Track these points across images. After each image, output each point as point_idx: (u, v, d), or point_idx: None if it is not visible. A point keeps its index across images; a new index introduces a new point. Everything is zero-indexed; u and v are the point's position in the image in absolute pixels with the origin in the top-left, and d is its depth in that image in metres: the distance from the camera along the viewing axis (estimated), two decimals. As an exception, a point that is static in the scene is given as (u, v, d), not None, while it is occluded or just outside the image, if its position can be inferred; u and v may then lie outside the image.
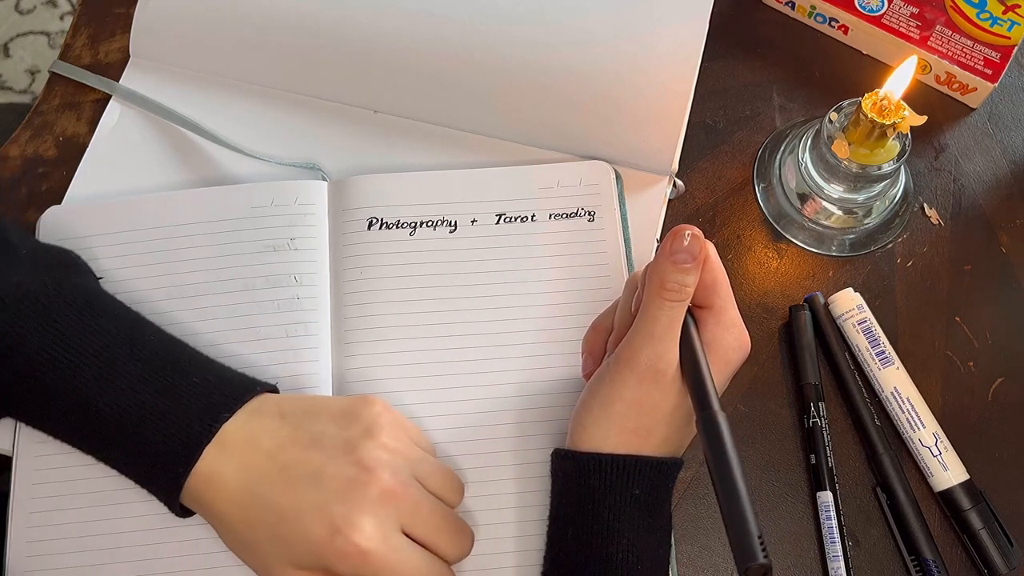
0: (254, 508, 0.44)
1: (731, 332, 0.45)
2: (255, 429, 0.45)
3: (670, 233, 0.44)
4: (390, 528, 0.43)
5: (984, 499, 0.51)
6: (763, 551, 0.37)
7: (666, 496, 0.45)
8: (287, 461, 0.44)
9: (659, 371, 0.43)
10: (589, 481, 0.44)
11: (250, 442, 0.45)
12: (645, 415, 0.43)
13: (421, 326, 0.52)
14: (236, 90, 0.60)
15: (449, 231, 0.55)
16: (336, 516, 0.42)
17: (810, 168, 0.57)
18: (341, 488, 0.43)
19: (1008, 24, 0.62)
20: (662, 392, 0.43)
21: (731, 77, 0.63)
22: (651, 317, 0.44)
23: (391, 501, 0.43)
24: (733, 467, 0.39)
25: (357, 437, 0.45)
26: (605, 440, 0.44)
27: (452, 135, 0.59)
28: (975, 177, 0.61)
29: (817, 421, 0.53)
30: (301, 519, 0.43)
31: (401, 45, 0.58)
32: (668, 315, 0.43)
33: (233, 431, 0.45)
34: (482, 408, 0.51)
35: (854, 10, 0.63)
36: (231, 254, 0.53)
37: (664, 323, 0.43)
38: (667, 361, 0.43)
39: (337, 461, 0.44)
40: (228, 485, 0.44)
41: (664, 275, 0.43)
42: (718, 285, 0.45)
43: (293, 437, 0.45)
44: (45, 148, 0.60)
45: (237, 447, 0.44)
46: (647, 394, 0.43)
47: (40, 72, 1.45)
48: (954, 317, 0.57)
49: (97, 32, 0.63)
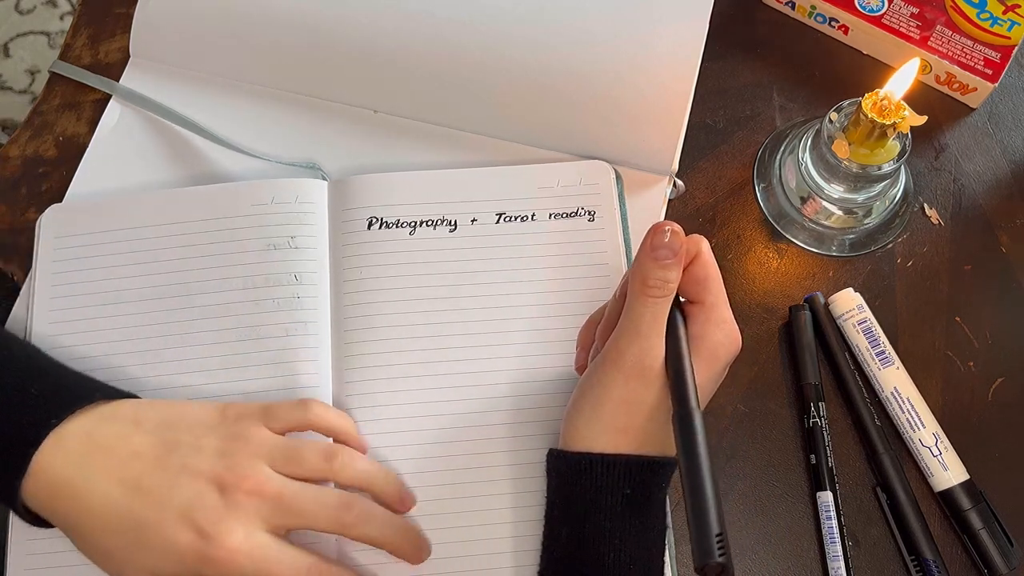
0: (110, 516, 0.43)
1: (721, 329, 0.44)
2: (107, 435, 0.45)
3: (650, 229, 0.44)
4: (255, 527, 0.43)
5: (984, 499, 0.51)
6: (720, 550, 0.37)
7: (659, 496, 0.44)
8: (143, 468, 0.44)
9: (645, 367, 0.43)
10: (580, 481, 0.44)
11: (103, 449, 0.44)
12: (634, 413, 0.43)
13: (421, 325, 0.52)
14: (236, 90, 0.60)
15: (449, 231, 0.55)
16: (200, 521, 0.43)
17: (810, 168, 0.57)
18: (201, 493, 0.43)
19: (1008, 24, 0.62)
20: (649, 388, 0.43)
21: (731, 77, 0.63)
22: (635, 314, 0.43)
23: (252, 500, 0.44)
24: (702, 465, 0.39)
25: (214, 443, 0.45)
26: (596, 440, 0.44)
27: (452, 135, 0.59)
28: (975, 177, 0.61)
29: (817, 421, 0.53)
30: (163, 526, 0.43)
31: (401, 45, 0.58)
32: (652, 311, 0.43)
33: (80, 437, 0.44)
34: (482, 407, 0.51)
35: (854, 10, 0.63)
36: (231, 252, 0.53)
37: (648, 319, 0.43)
38: (653, 357, 0.43)
39: (195, 467, 0.44)
40: (78, 492, 0.44)
41: (646, 272, 0.43)
42: (710, 281, 0.45)
43: (149, 443, 0.45)
44: (45, 148, 0.60)
45: (88, 454, 0.44)
46: (635, 392, 0.43)
47: (40, 72, 1.45)
48: (954, 317, 0.57)
49: (97, 32, 0.63)
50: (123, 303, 0.53)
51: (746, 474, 0.53)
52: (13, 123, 1.41)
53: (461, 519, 0.49)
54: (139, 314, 0.52)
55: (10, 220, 0.58)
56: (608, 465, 0.43)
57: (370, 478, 0.48)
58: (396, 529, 0.47)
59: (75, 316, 0.52)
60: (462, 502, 0.49)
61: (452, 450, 0.50)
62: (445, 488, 0.49)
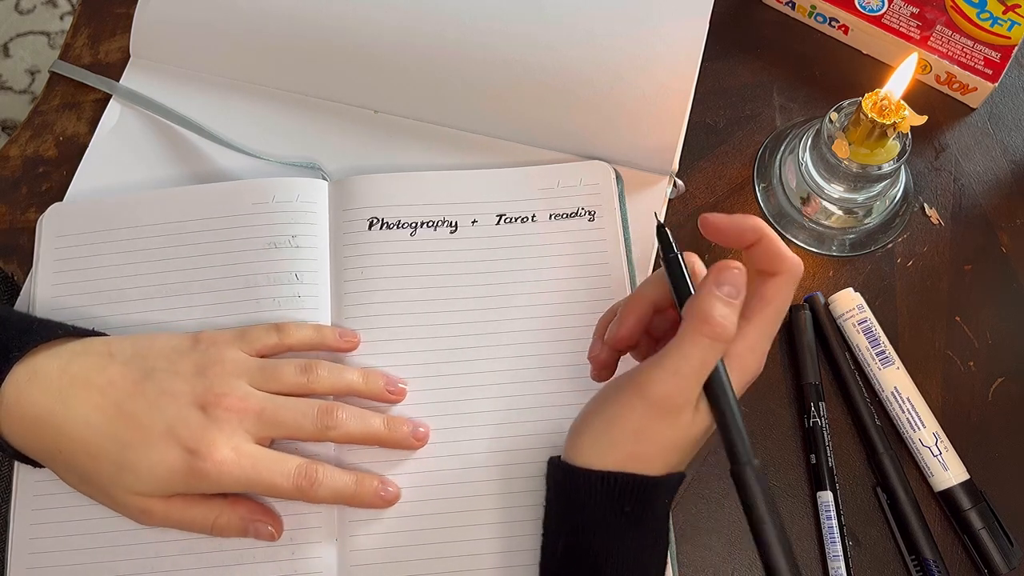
0: (93, 441, 0.45)
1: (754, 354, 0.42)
2: (82, 368, 0.46)
3: (716, 266, 0.41)
4: (240, 438, 0.45)
5: (984, 499, 0.51)
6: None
7: (661, 511, 0.43)
8: (122, 395, 0.46)
9: (673, 407, 0.41)
10: (579, 496, 0.43)
11: (79, 380, 0.46)
12: (646, 443, 0.42)
13: (421, 326, 0.52)
14: (236, 90, 0.60)
15: (450, 231, 0.55)
16: (185, 438, 0.44)
17: (810, 168, 0.57)
18: (183, 413, 0.45)
19: (1008, 24, 0.62)
20: (670, 427, 0.41)
21: (731, 77, 0.63)
22: (684, 353, 0.40)
23: (234, 415, 0.45)
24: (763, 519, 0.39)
25: (190, 367, 0.47)
26: (601, 459, 0.42)
27: (452, 135, 0.59)
28: (975, 177, 0.61)
29: (817, 421, 0.53)
30: (148, 446, 0.44)
31: (401, 45, 0.58)
32: (703, 355, 0.40)
33: (56, 371, 0.46)
34: (482, 408, 0.51)
35: (854, 10, 0.63)
36: (232, 251, 0.53)
37: (696, 363, 0.40)
38: (685, 400, 0.41)
39: (175, 389, 0.46)
40: (59, 422, 0.45)
41: (708, 307, 0.40)
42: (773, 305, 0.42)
43: (124, 373, 0.46)
44: (45, 148, 0.60)
45: (65, 386, 0.46)
46: (653, 426, 0.41)
47: (40, 72, 1.45)
48: (954, 317, 0.57)
49: (97, 32, 0.63)
50: (124, 302, 0.53)
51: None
52: (13, 123, 1.41)
53: (459, 519, 0.49)
54: (140, 313, 0.52)
55: (10, 220, 0.58)
56: (609, 483, 0.42)
57: (349, 383, 0.49)
58: (380, 422, 0.48)
59: (76, 316, 0.52)
60: (460, 502, 0.49)
61: (451, 449, 0.50)
62: (444, 488, 0.49)
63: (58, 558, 0.48)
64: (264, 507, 0.48)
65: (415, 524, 0.49)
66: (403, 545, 0.48)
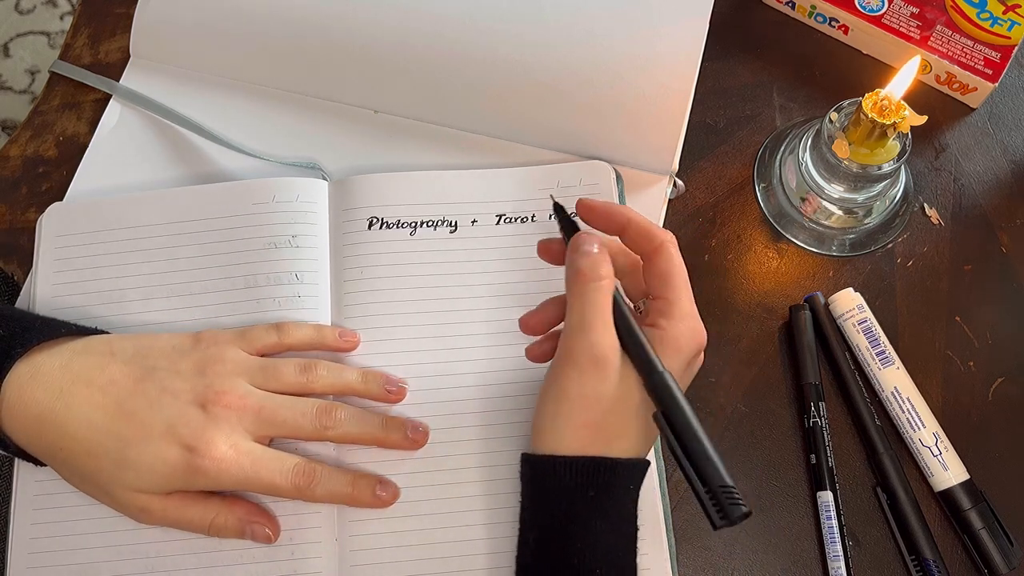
0: (94, 439, 0.45)
1: (684, 322, 0.44)
2: (83, 366, 0.47)
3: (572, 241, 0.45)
4: (239, 436, 0.46)
5: (984, 499, 0.51)
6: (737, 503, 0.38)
7: (626, 497, 0.44)
8: (123, 394, 0.46)
9: (597, 359, 0.42)
10: (545, 484, 0.43)
11: (81, 379, 0.46)
12: (593, 407, 0.42)
13: (421, 326, 0.52)
14: (236, 90, 0.60)
15: (449, 231, 0.55)
16: (185, 435, 0.45)
17: (810, 168, 0.57)
18: (183, 411, 0.46)
19: (1008, 24, 0.62)
20: (605, 381, 0.42)
21: (731, 77, 0.63)
22: (576, 307, 0.43)
23: (233, 412, 0.46)
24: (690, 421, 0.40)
25: (191, 366, 0.47)
26: (561, 441, 0.43)
27: (452, 135, 0.59)
28: (975, 177, 0.61)
29: (817, 421, 0.53)
30: (148, 444, 0.45)
31: (401, 45, 0.58)
32: (591, 299, 0.43)
33: (57, 370, 0.46)
34: (481, 407, 0.51)
35: (854, 10, 0.63)
36: (233, 251, 0.53)
37: (590, 309, 0.43)
38: (603, 347, 0.42)
39: (175, 388, 0.46)
40: (60, 420, 0.45)
41: (576, 264, 0.44)
42: (672, 276, 0.44)
43: (125, 371, 0.47)
44: (45, 148, 0.60)
45: (66, 384, 0.46)
46: (591, 386, 0.42)
47: (40, 72, 1.45)
48: (954, 317, 0.57)
49: (97, 32, 0.63)
50: (124, 302, 0.53)
51: (746, 474, 0.53)
52: (13, 123, 1.41)
53: (458, 519, 0.49)
54: (140, 313, 0.52)
55: (10, 220, 0.58)
56: (572, 468, 0.42)
57: (348, 383, 0.50)
58: (378, 423, 0.49)
59: (76, 316, 0.52)
60: (460, 502, 0.49)
61: (451, 449, 0.50)
62: (443, 488, 0.49)
63: (58, 558, 0.48)
64: (262, 509, 0.48)
65: (415, 524, 0.49)
66: (403, 545, 0.48)
